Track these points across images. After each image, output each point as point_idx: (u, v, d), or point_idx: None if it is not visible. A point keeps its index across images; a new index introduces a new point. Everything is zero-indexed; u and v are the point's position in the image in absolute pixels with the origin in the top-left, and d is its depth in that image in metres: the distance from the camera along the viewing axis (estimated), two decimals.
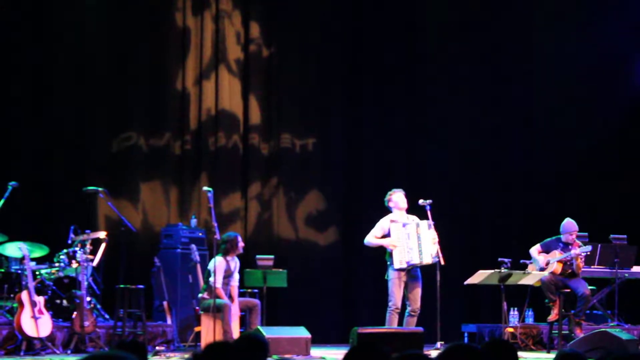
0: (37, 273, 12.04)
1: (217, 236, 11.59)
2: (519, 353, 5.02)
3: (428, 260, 11.58)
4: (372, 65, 15.40)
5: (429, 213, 11.71)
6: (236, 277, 12.07)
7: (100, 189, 12.71)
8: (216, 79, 14.66)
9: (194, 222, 13.69)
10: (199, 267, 12.53)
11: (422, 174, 15.30)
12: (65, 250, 12.28)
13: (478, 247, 15.51)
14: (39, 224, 13.41)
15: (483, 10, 15.90)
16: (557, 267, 12.48)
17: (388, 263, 11.62)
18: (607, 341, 10.85)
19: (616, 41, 15.77)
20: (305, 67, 15.18)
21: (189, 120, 14.54)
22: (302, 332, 11.64)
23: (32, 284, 11.30)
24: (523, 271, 12.15)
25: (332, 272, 14.97)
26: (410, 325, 11.45)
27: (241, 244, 12.10)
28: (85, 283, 11.85)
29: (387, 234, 11.66)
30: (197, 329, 12.02)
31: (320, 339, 12.62)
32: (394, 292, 11.51)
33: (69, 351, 11.46)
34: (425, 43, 15.67)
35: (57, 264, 12.21)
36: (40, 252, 12.21)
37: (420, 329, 11.18)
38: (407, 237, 11.59)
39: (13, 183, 12.16)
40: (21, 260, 11.71)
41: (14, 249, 11.79)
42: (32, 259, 11.92)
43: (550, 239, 12.67)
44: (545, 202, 15.68)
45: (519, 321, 13.39)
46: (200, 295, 11.98)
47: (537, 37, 15.90)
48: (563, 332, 12.32)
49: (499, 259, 12.56)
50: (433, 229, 11.66)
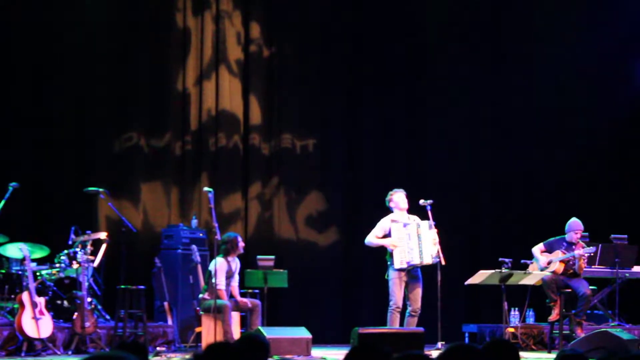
0: (38, 274, 12.04)
1: (218, 237, 11.59)
2: (520, 353, 5.00)
3: (428, 260, 11.57)
4: (372, 66, 15.40)
5: (430, 213, 11.70)
6: (237, 277, 12.08)
7: (101, 189, 12.70)
8: (217, 80, 14.66)
9: (194, 222, 13.68)
10: (199, 267, 12.54)
11: (422, 174, 15.30)
12: (66, 251, 12.29)
13: (478, 247, 15.51)
14: (40, 225, 13.41)
15: (483, 11, 15.91)
16: (559, 267, 12.47)
17: (389, 263, 11.61)
18: (608, 341, 10.85)
19: (616, 42, 15.76)
20: (306, 68, 15.18)
21: (190, 121, 14.54)
22: (302, 333, 11.63)
23: (32, 285, 11.29)
24: (524, 271, 12.14)
25: (333, 272, 14.97)
26: (411, 325, 11.44)
27: (241, 244, 12.09)
28: (86, 284, 11.85)
29: (387, 234, 11.65)
30: (197, 329, 12.01)
31: (321, 339, 12.61)
32: (394, 292, 11.50)
33: (69, 352, 11.45)
34: (425, 43, 15.67)
35: (57, 265, 12.21)
36: (41, 253, 12.22)
37: (421, 329, 11.18)
38: (407, 237, 11.58)
39: (14, 184, 12.15)
40: (22, 261, 11.71)
41: (15, 250, 11.79)
42: (33, 260, 11.92)
43: (554, 238, 12.65)
44: (545, 202, 15.68)
45: (520, 321, 13.39)
46: (201, 296, 11.98)
47: (537, 37, 15.90)
48: (564, 332, 12.31)
49: (500, 259, 12.55)
50: (434, 229, 11.65)
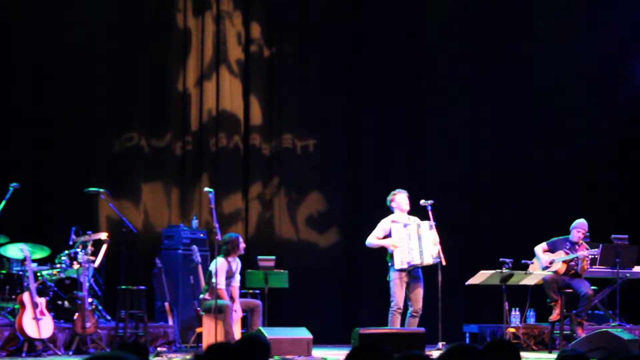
0: (39, 274, 12.04)
1: (219, 237, 11.59)
2: (521, 353, 5.00)
3: (429, 260, 11.56)
4: (372, 65, 15.40)
5: (431, 214, 11.69)
6: (237, 278, 12.07)
7: (102, 190, 12.70)
8: (217, 80, 14.66)
9: (195, 223, 13.68)
10: (200, 268, 12.54)
11: (422, 173, 15.30)
12: (66, 252, 12.29)
13: (478, 247, 15.51)
14: (41, 226, 13.41)
15: (483, 11, 15.91)
16: (562, 267, 12.46)
17: (389, 264, 11.61)
18: (608, 341, 10.84)
19: (616, 42, 15.76)
20: (306, 67, 15.18)
21: (190, 121, 14.54)
22: (303, 333, 11.62)
23: (33, 285, 11.29)
24: (525, 271, 12.14)
25: (334, 272, 14.97)
26: (412, 325, 11.43)
27: (242, 245, 12.08)
28: (87, 284, 11.85)
29: (388, 235, 11.64)
30: (198, 329, 12.02)
31: (321, 339, 12.59)
32: (396, 292, 11.49)
33: (70, 352, 11.45)
34: (425, 43, 15.68)
35: (58, 265, 12.21)
36: (41, 253, 12.22)
37: (421, 330, 11.17)
38: (408, 238, 11.57)
39: (14, 184, 12.14)
40: (22, 261, 11.71)
41: (16, 251, 11.79)
42: (34, 261, 11.92)
43: (558, 238, 12.64)
44: (545, 202, 15.68)
45: (521, 321, 13.39)
46: (201, 296, 11.98)
47: (537, 37, 15.90)
48: (565, 332, 12.31)
49: (501, 259, 12.54)
50: (434, 230, 11.64)
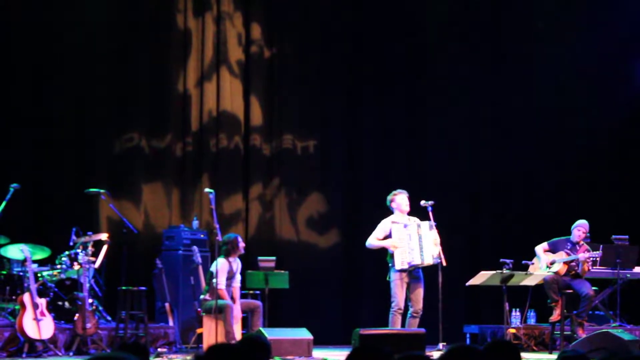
0: (39, 275, 12.04)
1: (219, 237, 11.59)
2: (521, 354, 5.00)
3: (429, 261, 11.55)
4: (372, 65, 15.40)
5: (431, 214, 11.69)
6: (238, 278, 12.07)
7: (102, 190, 12.71)
8: (217, 81, 14.66)
9: (195, 223, 13.68)
10: (200, 268, 12.54)
11: (422, 173, 15.30)
12: (67, 252, 12.28)
13: (478, 248, 15.51)
14: (41, 226, 13.40)
15: (483, 11, 15.91)
16: (562, 268, 12.45)
17: (390, 264, 11.60)
18: (609, 342, 10.85)
19: (616, 42, 15.76)
20: (306, 68, 15.18)
21: (191, 122, 14.54)
22: (304, 334, 11.62)
23: (34, 286, 11.28)
24: (525, 272, 12.14)
25: (334, 273, 14.97)
26: (413, 326, 11.42)
27: (242, 245, 12.08)
28: (87, 285, 11.84)
29: (388, 236, 11.62)
30: (199, 330, 12.02)
31: (322, 340, 12.59)
32: (396, 293, 11.48)
33: (71, 353, 11.44)
34: (425, 43, 15.68)
35: (59, 266, 12.20)
36: (42, 254, 12.22)
37: (422, 330, 11.17)
38: (408, 238, 11.56)
39: (15, 185, 12.14)
40: (23, 262, 11.71)
41: (16, 251, 11.79)
42: (34, 261, 11.92)
43: (559, 238, 12.64)
44: (545, 202, 15.68)
45: (521, 322, 13.38)
46: (202, 297, 11.97)
47: (537, 37, 15.90)
48: (565, 332, 12.31)
49: (501, 259, 12.54)
50: (435, 230, 11.63)
